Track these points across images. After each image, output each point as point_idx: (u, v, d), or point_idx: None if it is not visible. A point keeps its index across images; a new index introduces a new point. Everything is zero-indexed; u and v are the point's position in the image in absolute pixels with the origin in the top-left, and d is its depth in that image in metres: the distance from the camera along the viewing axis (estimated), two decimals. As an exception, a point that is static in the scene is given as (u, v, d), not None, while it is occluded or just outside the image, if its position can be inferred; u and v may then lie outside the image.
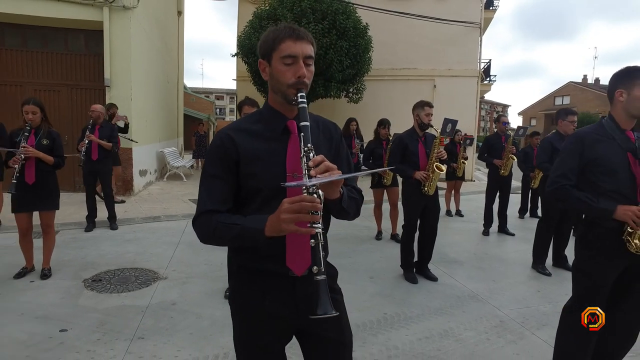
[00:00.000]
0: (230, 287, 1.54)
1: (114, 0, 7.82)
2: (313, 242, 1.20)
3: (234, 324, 1.53)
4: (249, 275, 1.46)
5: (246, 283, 1.47)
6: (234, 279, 1.52)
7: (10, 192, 3.76)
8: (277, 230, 1.22)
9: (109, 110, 7.42)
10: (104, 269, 4.36)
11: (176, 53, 14.65)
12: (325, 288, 1.20)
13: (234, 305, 1.53)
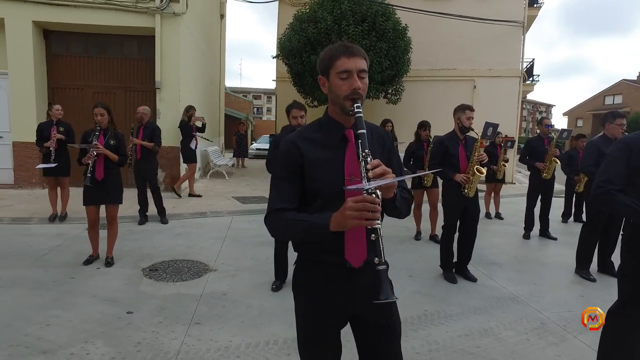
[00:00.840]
0: (294, 276, 1.74)
1: (165, 8, 8.27)
2: (373, 236, 1.38)
3: (297, 309, 1.72)
4: (312, 265, 1.65)
5: (309, 273, 1.66)
6: (299, 269, 1.72)
7: (85, 184, 4.17)
8: (341, 226, 1.41)
9: (188, 112, 8.01)
10: (159, 260, 4.71)
11: (218, 55, 15.16)
12: (386, 276, 1.39)
13: (298, 292, 1.72)
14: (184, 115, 8.10)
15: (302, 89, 11.74)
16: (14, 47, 7.98)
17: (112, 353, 2.83)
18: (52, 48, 8.58)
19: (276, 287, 4.02)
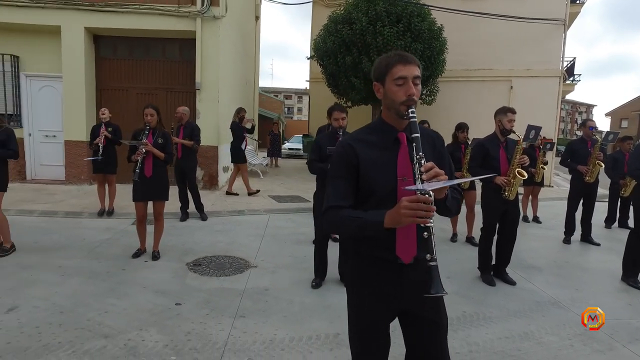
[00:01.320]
0: (347, 270, 1.83)
1: (206, 12, 8.55)
2: (426, 234, 1.49)
3: (349, 301, 1.82)
4: (364, 260, 1.75)
5: (362, 267, 1.76)
6: (351, 263, 1.82)
7: (134, 179, 4.42)
8: (395, 223, 1.51)
9: (239, 114, 8.33)
10: (201, 255, 4.91)
11: (253, 56, 15.48)
12: (437, 272, 1.49)
13: (351, 285, 1.82)
14: (235, 116, 8.39)
15: (336, 89, 11.83)
16: (68, 52, 8.45)
17: (165, 341, 3.01)
18: (100, 52, 9.03)
19: (316, 284, 4.12)
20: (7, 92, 8.70)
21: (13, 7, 8.32)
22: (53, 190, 8.12)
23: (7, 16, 8.34)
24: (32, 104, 8.91)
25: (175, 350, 2.91)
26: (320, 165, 3.99)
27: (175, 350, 2.91)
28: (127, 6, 8.45)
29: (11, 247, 4.70)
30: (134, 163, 4.52)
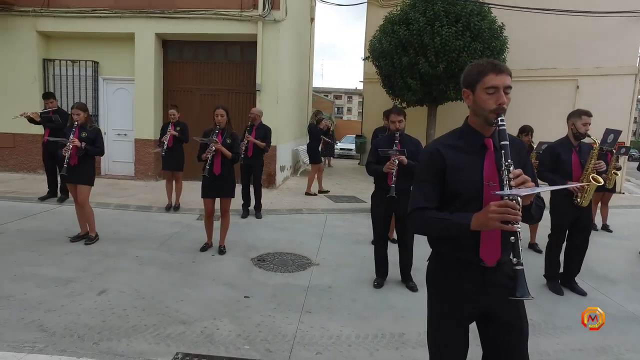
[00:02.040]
0: (429, 269, 1.88)
1: (267, 15, 8.82)
2: (513, 238, 1.52)
3: (430, 300, 1.87)
4: (446, 261, 1.79)
5: (444, 267, 1.80)
6: (433, 263, 1.86)
7: (204, 175, 4.69)
8: (482, 226, 1.55)
9: (317, 116, 8.68)
10: (264, 251, 5.10)
11: (308, 57, 15.71)
12: (523, 276, 1.51)
13: (432, 285, 1.87)
14: (313, 118, 8.70)
15: (392, 90, 11.76)
16: (140, 57, 9.05)
17: (238, 331, 3.19)
18: (168, 56, 9.57)
19: (378, 284, 4.17)
20: (88, 94, 9.46)
21: (95, 18, 9.04)
22: (124, 185, 8.72)
23: (89, 26, 9.09)
24: (108, 105, 9.62)
25: (248, 340, 3.07)
26: (375, 167, 4.08)
27: (248, 340, 3.07)
28: (194, 12, 8.89)
29: (95, 236, 5.13)
30: (203, 161, 4.78)
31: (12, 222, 5.62)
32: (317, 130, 8.90)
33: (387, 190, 3.96)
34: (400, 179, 3.92)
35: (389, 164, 3.91)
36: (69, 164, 4.86)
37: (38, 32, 9.25)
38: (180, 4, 8.90)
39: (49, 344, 2.87)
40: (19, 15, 9.19)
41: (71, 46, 9.51)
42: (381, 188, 4.11)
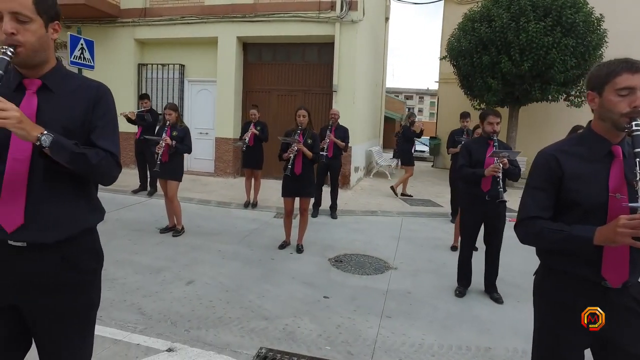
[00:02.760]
0: (537, 284, 1.73)
1: (345, 16, 8.83)
2: None
3: (539, 315, 1.72)
4: (560, 277, 1.62)
5: (556, 283, 1.64)
6: (543, 278, 1.71)
7: (286, 175, 4.77)
8: (609, 241, 1.38)
9: (410, 118, 8.73)
10: (341, 252, 5.09)
11: (382, 57, 15.54)
12: None
13: (541, 301, 1.71)
14: (406, 120, 8.66)
15: (470, 91, 11.27)
16: (222, 59, 9.51)
17: (319, 330, 3.20)
18: (248, 58, 9.95)
19: (460, 292, 3.98)
20: (174, 95, 10.14)
21: (183, 24, 9.66)
22: (205, 181, 9.20)
23: (178, 32, 9.75)
24: (191, 105, 10.22)
25: (329, 340, 3.06)
26: (473, 171, 3.83)
27: (329, 340, 3.06)
28: (273, 15, 9.16)
29: (182, 229, 5.45)
30: (284, 161, 4.88)
31: (111, 212, 6.15)
32: (410, 132, 8.77)
33: (481, 197, 3.75)
34: (494, 184, 3.69)
35: (494, 168, 3.63)
36: (161, 160, 5.20)
37: (135, 39, 10.08)
38: (261, 8, 9.21)
39: (147, 327, 3.08)
40: (120, 25, 10.10)
41: (161, 51, 10.25)
42: (473, 194, 3.89)
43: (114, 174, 1.55)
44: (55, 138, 1.32)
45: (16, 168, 1.39)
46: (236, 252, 4.90)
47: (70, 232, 1.48)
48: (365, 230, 6.16)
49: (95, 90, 1.54)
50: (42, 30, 1.40)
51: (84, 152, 1.40)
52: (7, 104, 1.25)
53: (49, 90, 1.46)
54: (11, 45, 1.33)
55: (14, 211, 1.39)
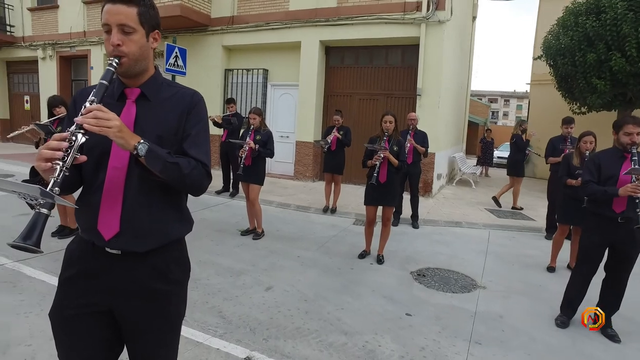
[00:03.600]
0: None
1: (431, 17, 8.45)
2: None
3: None
4: None
5: None
6: None
7: (370, 183, 4.58)
8: None
9: (521, 126, 8.20)
10: (424, 266, 4.80)
11: (468, 58, 14.73)
12: None
13: None
14: (517, 129, 8.07)
15: (569, 93, 10.22)
16: (305, 63, 9.61)
17: (400, 351, 2.98)
18: (330, 61, 9.94)
19: (562, 322, 3.51)
20: (258, 99, 10.46)
21: (267, 30, 9.93)
22: (285, 184, 9.34)
23: (262, 38, 10.04)
24: (274, 109, 10.46)
25: (412, 364, 2.84)
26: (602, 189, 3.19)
27: (412, 364, 2.84)
28: (357, 18, 9.04)
29: (262, 232, 5.52)
30: (368, 168, 4.71)
31: (196, 212, 6.42)
32: (523, 141, 8.01)
33: (611, 218, 3.21)
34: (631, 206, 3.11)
35: (634, 188, 3.00)
36: (244, 164, 5.31)
37: (223, 46, 10.57)
38: (344, 12, 9.14)
39: (227, 331, 3.09)
40: (210, 34, 10.66)
41: (246, 57, 10.63)
42: (601, 215, 3.28)
43: (204, 184, 1.54)
44: (150, 147, 1.33)
45: (115, 176, 1.42)
46: (315, 259, 4.83)
47: (160, 242, 1.50)
48: (449, 243, 5.78)
49: (190, 98, 1.56)
50: (143, 40, 1.44)
51: (176, 161, 1.40)
52: (109, 113, 1.28)
53: (147, 99, 1.50)
54: (116, 56, 1.37)
55: (111, 219, 1.42)
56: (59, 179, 1.21)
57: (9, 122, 15.68)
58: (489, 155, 13.76)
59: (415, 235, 6.12)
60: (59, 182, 1.20)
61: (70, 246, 1.57)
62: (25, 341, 2.80)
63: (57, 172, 1.21)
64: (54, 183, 1.20)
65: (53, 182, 1.20)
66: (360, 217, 6.74)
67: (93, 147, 1.38)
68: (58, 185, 1.20)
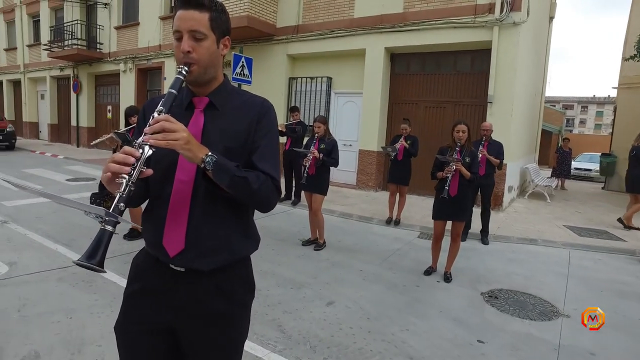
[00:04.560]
0: None
1: (505, 19, 7.95)
2: None
3: None
4: None
5: None
6: None
7: (442, 197, 4.29)
8: None
9: None
10: (496, 286, 4.42)
11: (543, 62, 13.77)
12: None
13: None
14: (638, 140, 7.34)
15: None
16: (369, 71, 9.46)
17: (474, 384, 2.71)
18: (395, 68, 9.71)
19: (668, 365, 3.04)
20: (321, 107, 10.46)
21: (332, 38, 9.92)
22: (347, 194, 9.21)
23: (326, 46, 10.05)
24: (337, 117, 10.38)
25: (488, 400, 2.56)
26: None
27: (488, 400, 2.56)
28: (424, 23, 8.74)
29: (323, 243, 5.42)
30: (437, 180, 4.45)
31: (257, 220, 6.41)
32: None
33: None
34: None
35: None
36: (308, 173, 5.25)
37: (288, 55, 10.72)
38: (411, 17, 8.88)
39: (287, 347, 3.00)
40: (276, 43, 10.87)
41: (310, 65, 10.69)
42: None
43: (272, 200, 1.44)
44: (218, 160, 1.26)
45: (181, 190, 1.37)
46: (378, 273, 4.63)
47: (226, 261, 1.42)
48: (523, 262, 5.32)
49: (260, 106, 1.47)
50: (214, 47, 1.38)
51: (245, 175, 1.32)
52: (176, 124, 1.22)
53: (215, 108, 1.43)
54: (186, 63, 1.32)
55: (177, 235, 1.36)
56: (125, 193, 1.16)
57: (94, 130, 17.05)
58: (566, 167, 12.72)
59: (486, 252, 5.70)
60: (125, 198, 1.16)
61: (136, 259, 1.54)
62: (96, 341, 2.90)
63: (123, 187, 1.16)
64: (119, 198, 1.16)
65: (119, 197, 1.16)
66: (426, 231, 6.43)
67: (161, 158, 1.34)
68: (124, 200, 1.16)
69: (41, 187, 8.23)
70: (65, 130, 18.86)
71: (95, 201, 1.18)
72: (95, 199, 1.18)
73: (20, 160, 12.82)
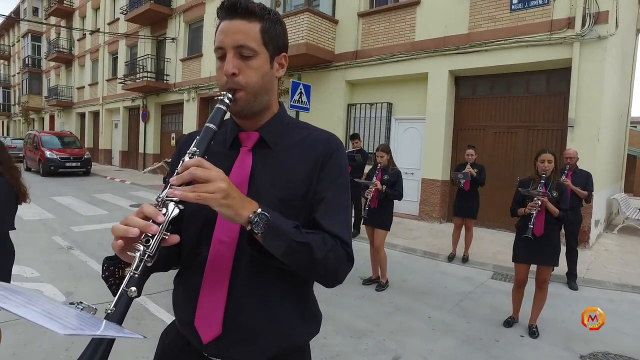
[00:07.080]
0: None
1: (587, 34, 7.20)
2: None
3: None
4: None
5: None
6: None
7: (525, 236, 3.68)
8: None
9: None
10: (597, 348, 3.68)
11: (630, 79, 12.46)
12: None
13: None
14: None
15: None
16: (432, 96, 8.97)
17: None
18: (460, 92, 9.14)
19: None
20: (382, 134, 10.07)
21: (392, 62, 9.61)
22: (409, 225, 8.63)
23: (386, 71, 9.74)
24: (398, 144, 9.92)
25: None
26: None
27: None
28: (492, 44, 8.17)
29: (386, 282, 4.93)
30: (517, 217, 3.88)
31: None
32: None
33: None
34: None
35: None
36: (369, 206, 4.85)
37: (346, 81, 10.52)
38: (476, 38, 8.35)
39: (347, 417, 2.56)
40: (334, 69, 10.74)
41: (369, 90, 10.40)
42: None
43: (341, 272, 1.06)
44: (271, 220, 0.91)
45: (221, 254, 1.03)
46: (449, 322, 4.06)
47: (276, 350, 1.06)
48: (629, 316, 4.47)
49: (325, 145, 1.11)
50: (266, 66, 1.06)
51: (307, 241, 0.95)
52: (211, 171, 0.88)
53: (267, 147, 1.09)
54: (230, 89, 1.01)
55: (212, 313, 1.02)
56: (138, 272, 0.85)
57: (159, 156, 17.88)
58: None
59: (575, 300, 4.90)
60: (136, 280, 0.84)
61: (164, 337, 1.24)
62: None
63: (135, 264, 0.85)
64: (129, 280, 0.84)
65: (129, 278, 0.84)
66: (500, 270, 5.74)
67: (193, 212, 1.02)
68: (134, 283, 0.84)
69: (107, 212, 8.50)
70: (134, 157, 20.10)
71: (109, 269, 0.86)
72: (108, 265, 0.86)
73: (92, 185, 13.59)
